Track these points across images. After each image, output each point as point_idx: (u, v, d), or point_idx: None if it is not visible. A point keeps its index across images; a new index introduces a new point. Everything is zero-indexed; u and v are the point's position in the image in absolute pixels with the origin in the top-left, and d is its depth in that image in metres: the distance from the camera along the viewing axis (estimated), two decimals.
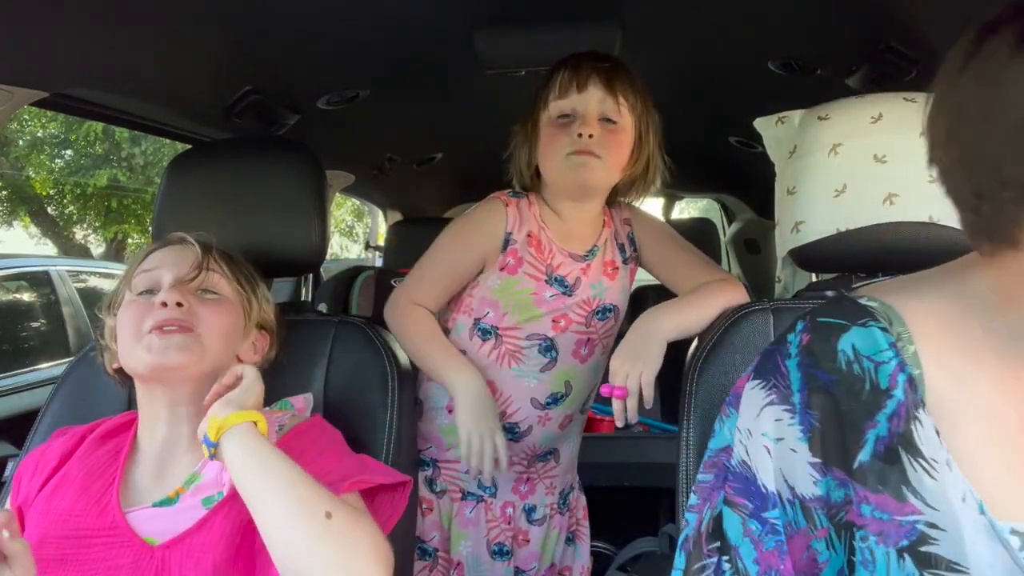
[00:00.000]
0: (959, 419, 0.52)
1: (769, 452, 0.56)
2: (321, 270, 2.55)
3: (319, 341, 1.04)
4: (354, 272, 2.38)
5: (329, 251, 1.30)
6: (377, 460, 0.93)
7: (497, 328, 1.15)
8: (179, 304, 0.84)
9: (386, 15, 1.11)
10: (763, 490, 0.56)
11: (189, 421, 0.85)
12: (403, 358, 1.08)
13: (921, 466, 0.51)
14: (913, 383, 0.53)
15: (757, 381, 0.58)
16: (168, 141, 1.72)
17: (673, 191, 3.23)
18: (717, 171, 2.63)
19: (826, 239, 0.89)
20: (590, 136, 1.05)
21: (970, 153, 0.50)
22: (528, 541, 1.23)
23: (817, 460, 0.54)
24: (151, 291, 0.86)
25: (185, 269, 0.87)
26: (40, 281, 3.72)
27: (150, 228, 1.14)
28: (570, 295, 1.14)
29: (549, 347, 1.15)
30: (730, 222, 3.22)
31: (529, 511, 1.23)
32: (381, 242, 3.16)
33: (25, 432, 1.01)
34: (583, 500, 1.33)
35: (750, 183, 2.62)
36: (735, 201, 3.04)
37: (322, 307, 2.13)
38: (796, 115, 0.98)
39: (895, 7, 1.02)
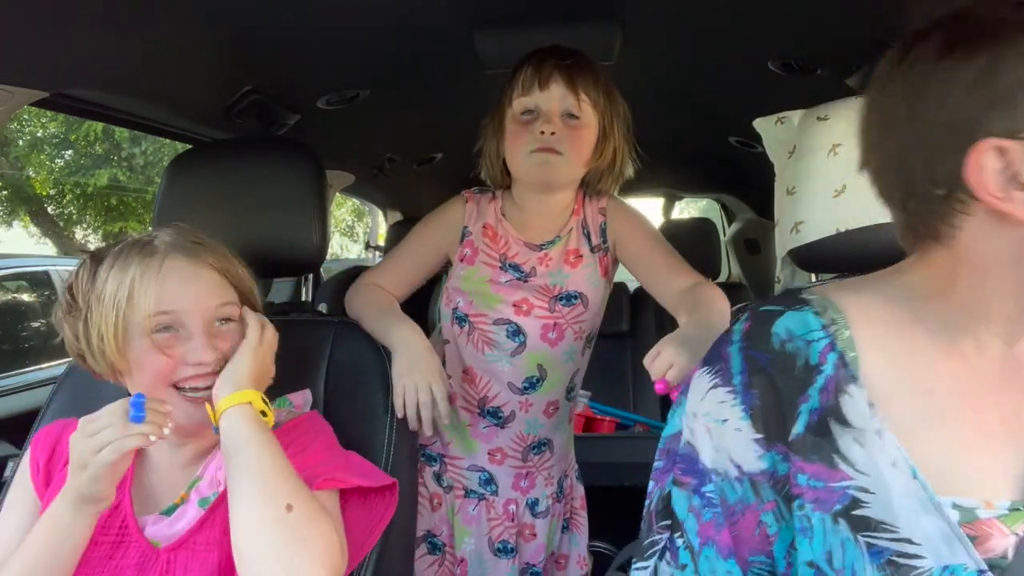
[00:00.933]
0: (895, 395, 0.56)
1: (710, 432, 0.60)
2: (321, 270, 2.55)
3: (319, 341, 1.04)
4: (354, 272, 2.38)
5: (329, 251, 1.31)
6: (372, 460, 0.94)
7: (468, 315, 1.19)
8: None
9: (386, 15, 1.11)
10: (702, 467, 0.60)
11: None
12: None
13: (850, 435, 0.55)
14: (844, 361, 0.56)
15: (704, 368, 0.62)
16: (168, 141, 1.71)
17: (673, 191, 3.23)
18: (717, 171, 2.63)
19: (826, 239, 0.89)
20: (552, 133, 1.07)
21: (900, 153, 0.55)
22: (535, 535, 1.24)
23: (760, 436, 0.58)
24: (169, 328, 0.81)
25: (210, 310, 0.83)
26: (40, 281, 3.73)
27: (150, 228, 1.14)
28: (525, 281, 1.17)
29: (516, 331, 1.17)
30: (730, 222, 3.22)
31: (532, 505, 1.24)
32: (381, 242, 3.16)
33: (25, 432, 1.01)
34: (580, 490, 1.34)
35: (750, 183, 2.62)
36: (735, 201, 3.04)
37: (322, 307, 2.13)
38: (796, 115, 0.98)
39: (894, 7, 1.02)
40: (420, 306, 1.45)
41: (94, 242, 11.12)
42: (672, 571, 0.60)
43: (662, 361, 0.88)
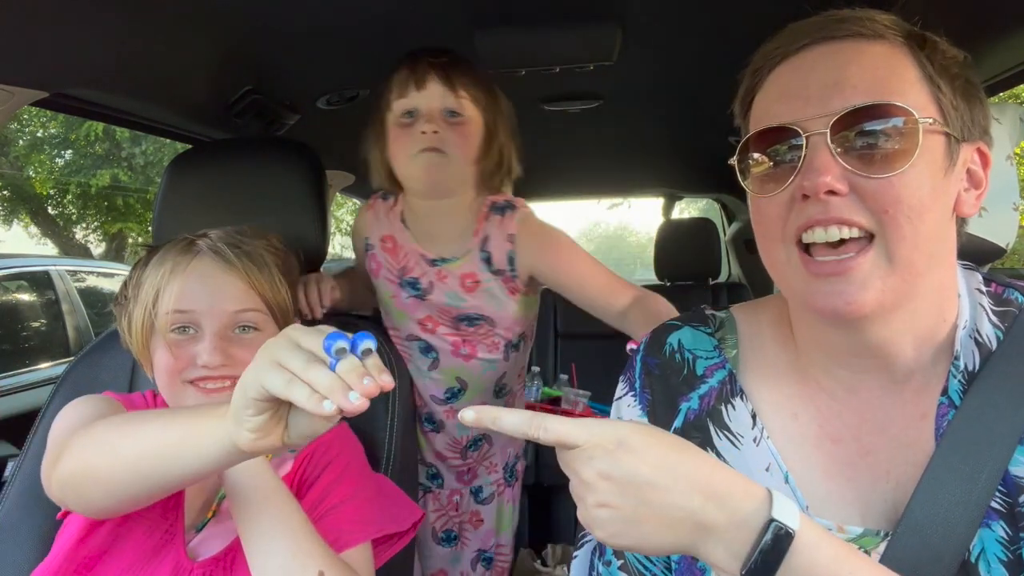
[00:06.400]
0: (770, 411, 0.63)
1: None
2: (322, 270, 2.55)
3: None
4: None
5: (331, 251, 1.31)
6: (372, 463, 0.93)
7: (387, 330, 1.19)
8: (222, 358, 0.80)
9: (386, 15, 1.11)
10: None
11: None
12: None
13: (726, 437, 0.63)
14: (734, 377, 0.65)
15: (620, 376, 0.73)
16: (168, 141, 1.71)
17: (673, 191, 3.23)
18: (717, 171, 2.62)
19: None
20: (434, 132, 1.04)
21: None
22: (482, 521, 1.27)
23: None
24: (185, 328, 0.81)
25: (227, 314, 0.81)
26: (40, 281, 3.72)
27: (151, 228, 1.14)
28: (423, 299, 1.14)
29: (427, 348, 1.16)
30: (730, 222, 3.21)
31: (476, 492, 1.27)
32: None
33: (25, 432, 1.01)
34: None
35: None
36: (735, 201, 3.03)
37: None
38: None
39: (895, 10, 1.02)
40: None
41: (94, 242, 11.11)
42: (602, 568, 0.66)
43: None
